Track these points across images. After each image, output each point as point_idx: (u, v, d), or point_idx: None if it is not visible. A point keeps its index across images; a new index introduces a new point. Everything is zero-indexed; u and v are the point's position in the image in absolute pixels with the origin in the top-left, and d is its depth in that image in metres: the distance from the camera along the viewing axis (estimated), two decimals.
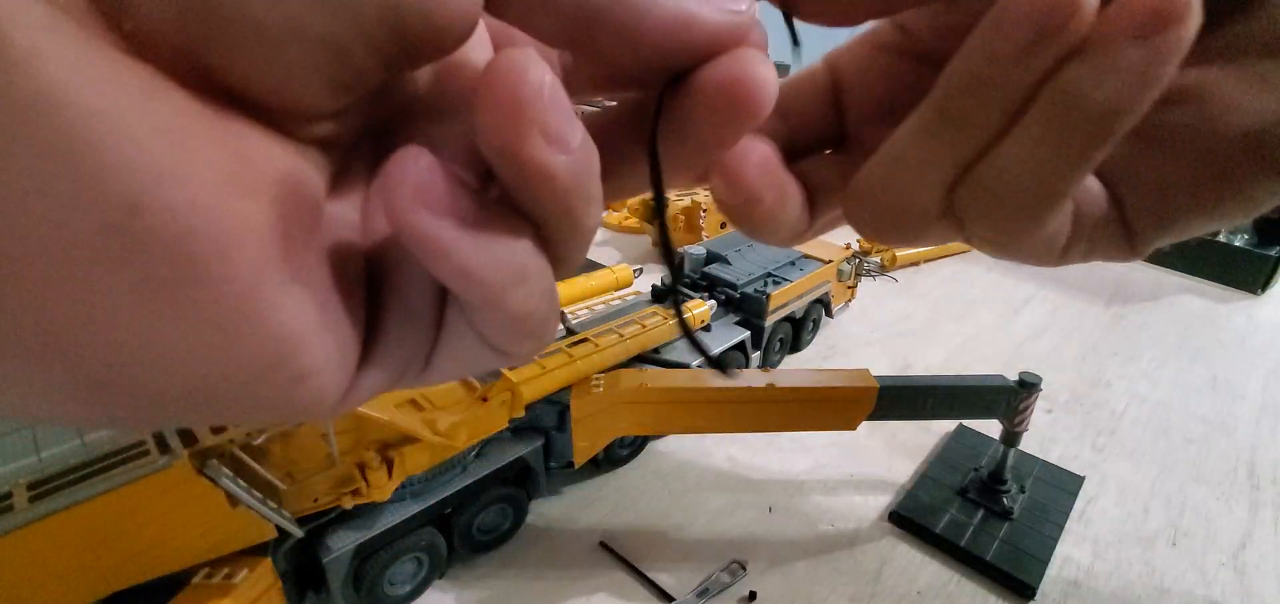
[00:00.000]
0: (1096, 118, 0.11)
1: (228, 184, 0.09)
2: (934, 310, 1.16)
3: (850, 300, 1.13)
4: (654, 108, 0.12)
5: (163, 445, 0.42)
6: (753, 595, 0.58)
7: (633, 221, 1.45)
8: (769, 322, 0.87)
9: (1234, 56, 0.13)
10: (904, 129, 0.13)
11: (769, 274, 0.93)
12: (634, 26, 0.11)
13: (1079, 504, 0.70)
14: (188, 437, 0.43)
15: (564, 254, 0.12)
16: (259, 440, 0.46)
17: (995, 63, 0.11)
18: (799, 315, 0.96)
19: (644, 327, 0.71)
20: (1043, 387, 0.64)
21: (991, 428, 0.72)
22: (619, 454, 0.73)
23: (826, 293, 1.01)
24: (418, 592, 0.58)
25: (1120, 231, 0.15)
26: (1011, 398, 0.65)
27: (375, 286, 0.12)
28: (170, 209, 0.08)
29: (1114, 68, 0.11)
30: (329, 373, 0.11)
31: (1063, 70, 0.11)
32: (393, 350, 0.12)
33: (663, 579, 0.59)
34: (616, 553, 0.62)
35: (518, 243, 0.11)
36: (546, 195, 0.11)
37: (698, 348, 0.15)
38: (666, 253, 0.14)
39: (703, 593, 0.58)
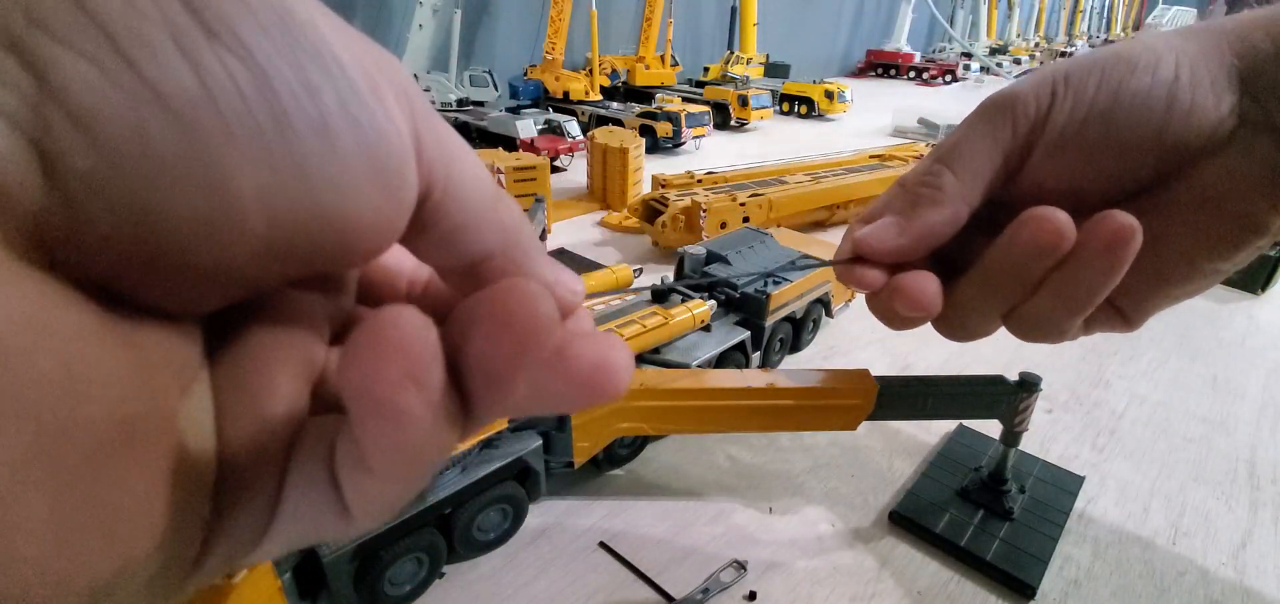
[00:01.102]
0: (1083, 293, 0.19)
1: (133, 386, 0.09)
2: None
3: (850, 300, 1.13)
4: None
5: None
6: (753, 595, 0.58)
7: (633, 222, 1.44)
8: (769, 322, 0.87)
9: (1175, 210, 0.21)
10: (967, 287, 0.21)
11: (769, 274, 0.93)
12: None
13: (1079, 504, 0.70)
14: None
15: (465, 433, 0.13)
16: None
17: (1013, 265, 0.19)
18: (799, 315, 0.96)
19: (644, 326, 0.71)
20: (1043, 387, 0.64)
21: (991, 428, 0.72)
22: (619, 454, 0.73)
23: (826, 293, 1.01)
24: (418, 592, 0.58)
25: (1117, 317, 0.23)
26: (1011, 398, 0.65)
27: (224, 467, 0.11)
28: (90, 423, 0.08)
29: (1089, 268, 0.18)
30: (182, 567, 0.10)
31: (1057, 270, 0.19)
32: (229, 538, 0.11)
33: (663, 579, 0.59)
34: (616, 553, 0.62)
35: (454, 424, 0.11)
36: (507, 404, 0.11)
37: None
38: None
39: (703, 593, 0.58)
